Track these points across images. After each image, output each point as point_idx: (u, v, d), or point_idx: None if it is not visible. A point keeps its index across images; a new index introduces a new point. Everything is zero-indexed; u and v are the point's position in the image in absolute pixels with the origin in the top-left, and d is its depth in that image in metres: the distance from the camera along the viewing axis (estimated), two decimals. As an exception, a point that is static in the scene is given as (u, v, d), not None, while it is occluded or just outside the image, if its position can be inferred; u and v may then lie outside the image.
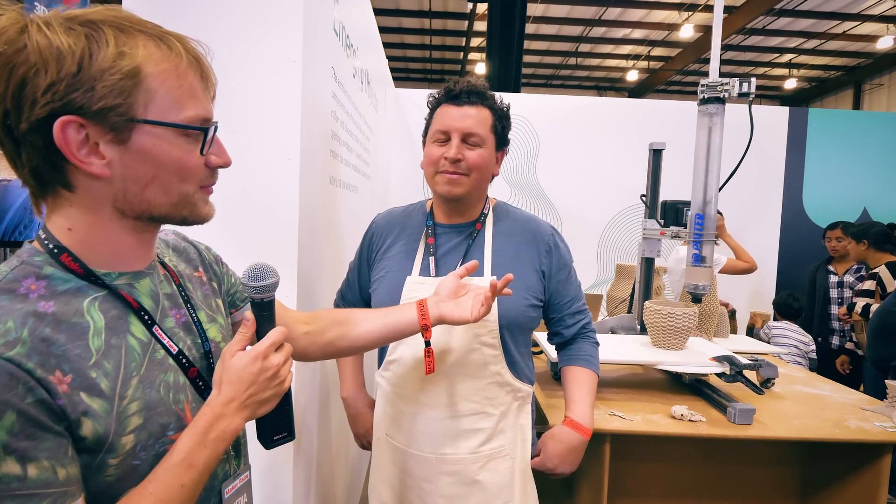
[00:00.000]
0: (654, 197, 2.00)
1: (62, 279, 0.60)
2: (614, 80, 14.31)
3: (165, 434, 0.64)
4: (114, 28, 0.58)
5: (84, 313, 0.60)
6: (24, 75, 0.54)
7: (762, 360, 1.63)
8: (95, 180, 0.60)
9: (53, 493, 0.54)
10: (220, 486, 0.73)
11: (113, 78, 0.56)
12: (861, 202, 4.16)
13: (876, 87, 12.54)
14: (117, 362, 0.61)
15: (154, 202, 0.63)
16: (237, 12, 1.21)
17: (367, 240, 1.36)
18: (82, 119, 0.56)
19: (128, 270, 0.66)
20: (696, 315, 1.70)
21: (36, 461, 0.53)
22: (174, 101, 0.61)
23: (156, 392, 0.64)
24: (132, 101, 0.58)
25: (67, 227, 0.61)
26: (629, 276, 2.48)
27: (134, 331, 0.64)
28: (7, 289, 0.56)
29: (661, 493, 1.64)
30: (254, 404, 0.68)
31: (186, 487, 0.61)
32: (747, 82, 1.60)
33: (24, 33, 0.55)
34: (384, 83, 3.12)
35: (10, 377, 0.52)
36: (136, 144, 0.60)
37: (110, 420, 0.58)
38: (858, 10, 9.21)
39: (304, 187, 1.30)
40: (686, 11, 9.40)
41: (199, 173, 0.65)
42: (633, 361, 1.71)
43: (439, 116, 1.23)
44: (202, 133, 0.64)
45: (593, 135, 4.01)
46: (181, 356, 0.69)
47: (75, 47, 0.55)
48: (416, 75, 14.80)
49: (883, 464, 1.41)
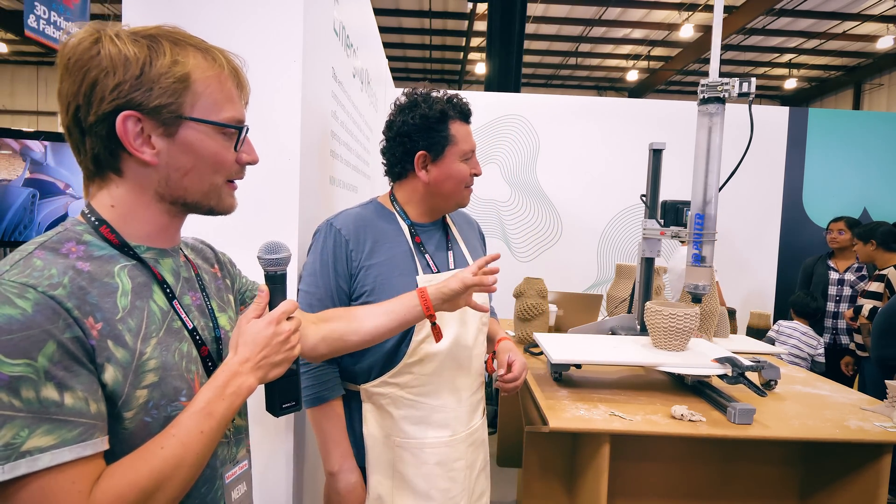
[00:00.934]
0: (654, 197, 2.00)
1: (98, 246, 0.70)
2: (614, 80, 14.31)
3: (178, 398, 0.71)
4: (169, 41, 0.70)
5: (115, 276, 0.69)
6: (95, 77, 0.66)
7: (764, 362, 1.63)
8: (144, 167, 0.71)
9: (85, 423, 0.60)
10: (221, 469, 0.79)
11: (167, 81, 0.68)
12: (861, 202, 4.16)
13: (876, 87, 12.54)
14: (140, 321, 0.69)
15: (189, 189, 0.74)
16: (237, 12, 1.21)
17: (342, 250, 1.25)
18: (140, 114, 0.68)
19: (155, 247, 0.75)
20: (697, 316, 1.69)
21: (72, 391, 0.60)
22: (215, 104, 0.72)
23: (171, 356, 0.71)
24: (182, 101, 0.70)
25: (111, 204, 0.72)
26: (629, 276, 2.48)
27: (156, 298, 0.73)
28: (51, 247, 0.66)
29: (661, 493, 1.64)
30: (267, 366, 0.76)
31: (205, 434, 0.68)
32: (747, 82, 1.60)
33: (97, 43, 0.66)
34: (384, 83, 3.12)
35: (52, 311, 0.60)
36: (181, 138, 0.71)
37: (129, 371, 0.66)
38: (858, 10, 9.21)
39: (304, 187, 1.30)
40: (686, 11, 9.40)
41: (231, 168, 0.77)
42: (634, 363, 1.70)
43: (461, 134, 1.30)
44: (237, 132, 0.75)
45: (593, 135, 4.01)
46: (195, 333, 0.77)
47: (139, 55, 0.67)
48: (416, 75, 14.80)
49: (883, 464, 1.40)
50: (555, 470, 1.61)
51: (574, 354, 1.68)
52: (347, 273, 1.26)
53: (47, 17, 3.15)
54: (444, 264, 1.34)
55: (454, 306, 1.13)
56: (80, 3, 3.40)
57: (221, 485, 0.78)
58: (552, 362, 1.65)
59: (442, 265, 1.33)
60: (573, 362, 1.68)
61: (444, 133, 1.27)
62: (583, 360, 1.66)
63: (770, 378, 1.71)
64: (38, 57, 13.79)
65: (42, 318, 0.59)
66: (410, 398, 1.26)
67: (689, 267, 1.70)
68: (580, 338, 1.91)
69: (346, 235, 1.26)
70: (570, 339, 1.89)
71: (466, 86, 14.61)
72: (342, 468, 1.23)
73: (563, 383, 1.71)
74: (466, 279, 1.09)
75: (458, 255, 1.39)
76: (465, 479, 1.32)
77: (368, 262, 1.26)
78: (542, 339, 1.83)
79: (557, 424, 1.39)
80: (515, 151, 4.03)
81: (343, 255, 1.25)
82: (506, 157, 4.04)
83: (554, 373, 1.72)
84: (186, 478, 0.67)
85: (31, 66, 14.40)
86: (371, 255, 1.26)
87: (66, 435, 0.59)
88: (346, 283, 1.26)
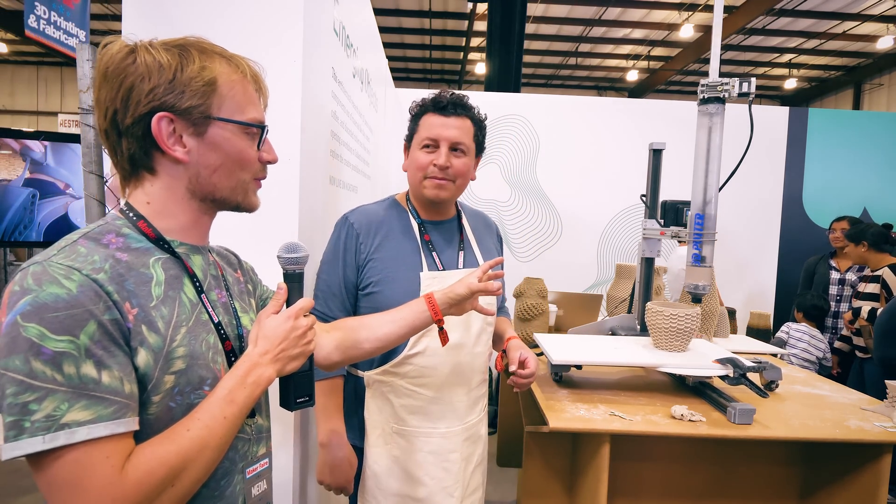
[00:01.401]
0: (654, 197, 2.00)
1: (136, 239, 0.75)
2: (614, 80, 14.31)
3: (202, 387, 0.75)
4: (197, 49, 0.76)
5: (150, 267, 0.74)
6: (132, 82, 0.72)
7: (766, 363, 1.62)
8: (176, 164, 0.76)
9: (119, 402, 0.64)
10: (241, 464, 0.82)
11: (197, 84, 0.74)
12: (861, 202, 4.16)
13: (876, 87, 12.54)
14: (171, 310, 0.74)
15: (218, 185, 0.79)
16: (237, 12, 1.21)
17: (352, 242, 1.32)
18: (173, 115, 0.74)
19: (188, 242, 0.81)
20: (698, 316, 1.68)
21: (109, 370, 0.64)
22: (238, 105, 0.79)
23: (199, 346, 0.75)
24: (209, 102, 0.76)
25: (146, 201, 0.77)
26: (629, 276, 2.48)
27: (186, 290, 0.78)
28: (93, 237, 0.72)
29: (661, 493, 1.64)
30: (285, 358, 0.80)
31: (227, 419, 0.72)
32: (747, 82, 1.60)
33: (133, 53, 0.73)
34: (384, 83, 3.12)
35: (95, 293, 0.65)
36: (210, 137, 0.77)
37: (160, 356, 0.70)
38: (858, 10, 9.21)
39: (304, 187, 1.30)
40: (686, 11, 9.40)
41: (255, 165, 0.82)
42: (635, 364, 1.70)
43: (426, 125, 1.32)
44: (259, 131, 0.82)
45: (593, 135, 4.01)
46: (220, 327, 0.81)
47: (172, 62, 0.73)
48: (416, 75, 14.80)
49: (883, 464, 1.40)
50: (555, 470, 1.61)
51: (575, 355, 1.68)
52: (355, 264, 1.32)
53: (47, 18, 3.15)
54: (452, 263, 1.37)
55: (461, 310, 1.14)
56: (80, 3, 3.40)
57: (241, 480, 0.81)
58: (552, 363, 1.64)
59: (451, 264, 1.36)
60: (574, 363, 1.67)
61: (415, 124, 1.36)
62: (583, 360, 1.66)
63: (771, 379, 1.71)
64: (38, 57, 13.79)
65: (85, 299, 0.64)
66: (409, 388, 1.30)
67: (689, 267, 1.70)
68: (580, 338, 1.91)
69: (357, 229, 1.33)
70: (570, 339, 1.89)
71: (466, 86, 14.61)
72: (331, 441, 1.28)
73: (563, 384, 1.71)
74: (472, 285, 1.11)
75: (469, 256, 1.40)
76: (460, 471, 1.34)
77: (376, 255, 1.31)
78: (543, 339, 1.83)
79: (557, 424, 1.39)
80: (515, 151, 4.03)
81: (353, 247, 1.32)
82: (506, 157, 4.04)
83: (554, 374, 1.72)
84: (210, 460, 0.71)
85: (31, 66, 14.40)
86: (379, 249, 1.32)
87: (102, 411, 0.62)
88: (353, 274, 1.32)
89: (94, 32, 10.85)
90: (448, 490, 1.32)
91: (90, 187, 1.58)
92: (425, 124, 1.33)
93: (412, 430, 1.31)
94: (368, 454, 1.33)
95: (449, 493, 1.32)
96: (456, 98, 1.33)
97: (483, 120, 1.40)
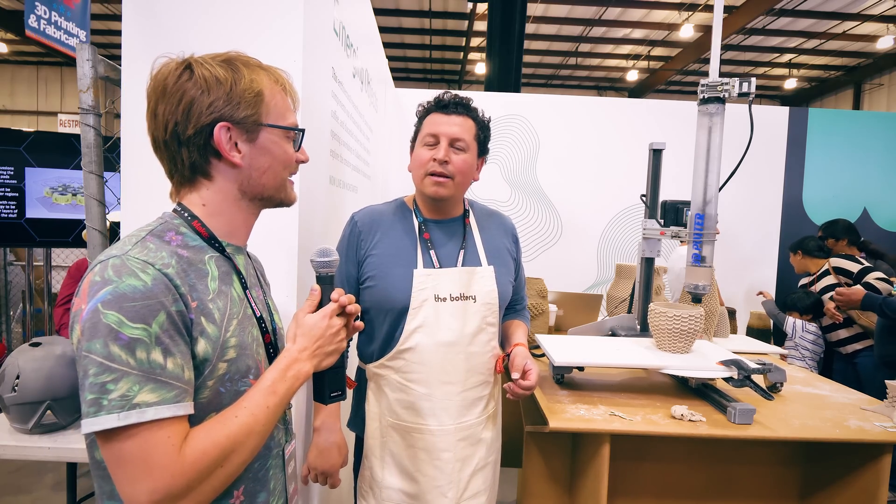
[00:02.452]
0: (654, 197, 2.00)
1: (192, 237, 0.83)
2: (614, 80, 14.31)
3: (248, 375, 0.83)
4: (243, 63, 0.84)
5: (206, 263, 0.82)
6: (193, 96, 0.79)
7: (770, 364, 1.59)
8: (232, 168, 0.84)
9: (180, 387, 0.71)
10: (276, 449, 0.91)
11: (249, 96, 0.82)
12: (861, 202, 4.16)
13: (876, 87, 12.54)
14: (225, 303, 0.81)
15: (267, 185, 0.87)
16: (237, 12, 1.21)
17: (354, 239, 1.38)
18: (230, 124, 0.81)
19: (234, 243, 0.89)
20: (702, 318, 1.67)
21: (173, 357, 0.71)
22: (280, 112, 0.87)
23: (246, 337, 0.83)
24: (259, 111, 0.84)
25: (202, 203, 0.85)
26: (629, 276, 2.48)
27: (235, 286, 0.86)
28: (157, 235, 0.79)
29: (661, 493, 1.64)
30: (321, 354, 0.89)
31: (270, 409, 0.80)
32: (747, 82, 1.60)
33: (188, 69, 0.80)
34: (384, 83, 3.12)
35: (165, 286, 0.72)
36: (260, 142, 0.85)
37: (217, 345, 0.78)
38: (858, 10, 9.21)
39: (304, 187, 1.30)
40: (686, 11, 9.40)
41: (294, 165, 0.92)
42: (638, 365, 1.70)
43: (429, 123, 1.37)
44: (296, 135, 0.90)
45: (593, 135, 4.01)
46: (262, 321, 0.89)
47: (227, 76, 0.81)
48: (416, 75, 14.79)
49: (883, 464, 1.40)
50: (555, 470, 1.60)
51: (577, 357, 1.67)
52: (356, 259, 1.38)
53: (48, 17, 3.15)
54: (451, 261, 1.38)
55: None
56: (80, 3, 3.40)
57: (273, 464, 0.90)
58: (555, 364, 1.63)
59: (448, 262, 1.38)
60: (576, 364, 1.67)
61: (419, 125, 1.41)
62: (586, 362, 1.65)
63: (776, 381, 1.70)
64: (39, 57, 13.78)
65: (158, 291, 0.71)
66: (402, 382, 1.33)
67: (689, 267, 1.69)
68: (583, 339, 1.90)
69: (360, 227, 1.39)
70: (572, 340, 1.88)
71: (466, 86, 14.61)
72: (324, 426, 1.30)
73: (563, 385, 1.71)
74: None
75: (471, 255, 1.41)
76: (454, 472, 1.34)
77: (374, 251, 1.36)
78: (545, 340, 1.82)
79: (557, 424, 1.39)
80: (515, 151, 4.03)
81: (355, 244, 1.38)
82: (506, 157, 4.04)
83: (556, 375, 1.71)
84: (254, 444, 0.78)
85: (31, 66, 14.40)
86: (378, 245, 1.36)
87: (166, 395, 0.69)
88: (355, 269, 1.38)
89: (94, 32, 10.85)
90: (441, 490, 1.33)
91: (90, 187, 1.58)
92: (428, 122, 1.37)
93: (405, 424, 1.34)
94: (366, 445, 1.37)
95: (442, 493, 1.33)
96: (459, 98, 1.38)
97: (486, 121, 1.43)
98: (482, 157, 1.44)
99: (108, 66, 1.58)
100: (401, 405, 1.34)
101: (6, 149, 3.40)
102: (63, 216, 3.57)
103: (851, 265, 3.18)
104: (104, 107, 1.64)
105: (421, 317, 1.31)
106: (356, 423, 1.46)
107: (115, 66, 1.57)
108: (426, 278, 1.32)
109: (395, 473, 1.34)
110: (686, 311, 1.66)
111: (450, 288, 1.34)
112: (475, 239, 1.43)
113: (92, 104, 1.55)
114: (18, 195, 3.44)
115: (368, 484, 1.37)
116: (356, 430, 1.46)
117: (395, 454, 1.35)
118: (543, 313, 2.23)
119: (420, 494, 1.33)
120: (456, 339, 1.34)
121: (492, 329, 1.40)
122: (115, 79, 1.58)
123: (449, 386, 1.34)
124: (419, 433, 1.33)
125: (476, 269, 1.38)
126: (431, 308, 1.32)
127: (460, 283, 1.35)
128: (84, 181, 1.57)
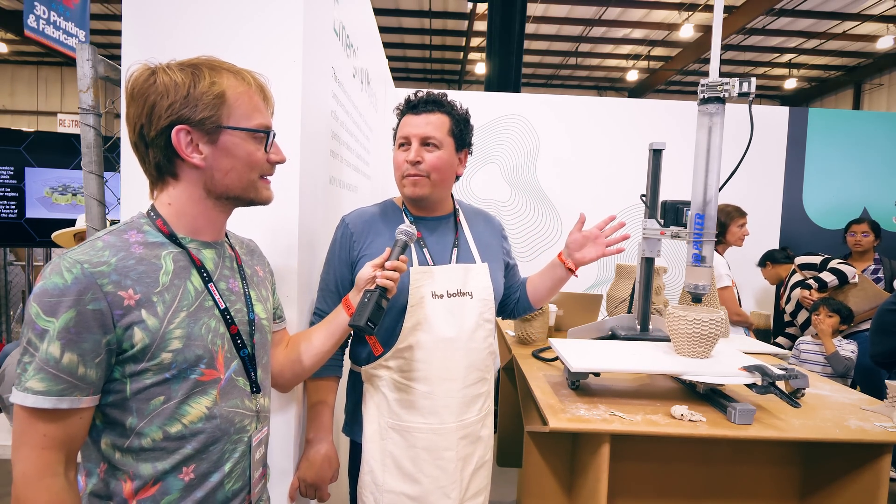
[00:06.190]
0: (654, 197, 2.00)
1: (153, 234, 0.88)
2: (614, 80, 14.31)
3: (198, 365, 0.87)
4: (207, 67, 0.87)
5: (161, 258, 0.87)
6: (154, 100, 0.84)
7: (793, 370, 1.53)
8: (195, 170, 0.88)
9: (69, 381, 0.76)
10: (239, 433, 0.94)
11: (208, 98, 0.85)
12: (861, 202, 4.16)
13: (876, 87, 12.54)
14: (174, 296, 0.86)
15: (231, 185, 0.91)
16: (237, 13, 1.21)
17: (346, 242, 1.38)
18: (189, 126, 0.85)
19: (199, 239, 0.93)
20: (723, 322, 1.58)
21: (70, 352, 0.76)
22: (245, 114, 0.89)
23: (198, 329, 0.87)
24: (220, 113, 0.87)
25: (168, 202, 0.90)
26: (629, 276, 2.48)
27: (193, 280, 0.89)
28: (118, 232, 0.86)
29: (661, 493, 1.64)
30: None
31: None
32: (747, 82, 1.60)
33: (153, 74, 0.84)
34: (384, 83, 3.12)
35: (85, 285, 0.77)
36: (222, 143, 0.88)
37: (156, 335, 0.82)
38: (858, 10, 9.21)
39: (304, 187, 1.30)
40: (686, 11, 9.40)
41: (263, 166, 0.94)
42: (658, 371, 1.63)
43: (401, 125, 1.38)
44: (265, 136, 0.93)
45: (593, 135, 4.01)
46: (226, 313, 0.93)
47: (185, 80, 0.84)
48: (416, 75, 14.79)
49: (883, 464, 1.40)
50: (555, 470, 1.60)
51: (594, 362, 1.58)
52: (349, 261, 1.37)
53: (47, 17, 3.15)
54: (444, 258, 1.39)
55: None
56: (80, 2, 3.40)
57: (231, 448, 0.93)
58: (571, 370, 1.55)
59: (442, 259, 1.38)
60: (594, 370, 1.58)
61: (396, 129, 1.41)
62: (605, 368, 1.57)
63: (798, 387, 1.59)
64: (38, 57, 13.78)
65: (74, 290, 0.76)
66: (402, 382, 1.32)
67: (689, 267, 1.69)
68: (597, 344, 1.82)
69: (351, 229, 1.38)
70: (588, 345, 1.79)
71: (466, 86, 14.62)
72: (316, 437, 1.32)
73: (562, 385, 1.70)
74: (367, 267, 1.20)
75: (464, 252, 1.42)
76: (457, 471, 1.34)
77: (367, 251, 1.35)
78: (560, 345, 1.72)
79: (557, 424, 1.39)
80: (515, 151, 4.03)
81: (347, 246, 1.38)
82: (506, 157, 4.04)
83: (572, 382, 1.63)
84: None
85: (31, 66, 14.40)
86: (370, 246, 1.36)
87: (52, 387, 0.76)
88: (347, 271, 1.37)
89: (93, 32, 10.84)
90: (444, 490, 1.32)
91: (90, 187, 1.58)
92: (401, 125, 1.38)
93: (405, 425, 1.33)
94: (365, 449, 1.35)
95: (445, 494, 1.32)
96: (428, 95, 1.37)
97: (463, 114, 1.40)
98: (462, 150, 1.41)
99: (108, 66, 1.58)
100: (400, 405, 1.33)
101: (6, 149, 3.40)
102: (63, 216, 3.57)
103: (814, 258, 3.45)
104: (104, 107, 1.64)
105: (419, 314, 1.31)
106: (353, 428, 1.44)
107: (115, 66, 1.57)
108: (422, 275, 1.32)
109: (397, 476, 1.32)
110: (707, 314, 1.58)
111: (446, 284, 1.34)
112: (467, 236, 1.44)
113: (92, 104, 1.55)
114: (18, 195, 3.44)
115: (369, 489, 1.34)
116: (353, 436, 1.44)
117: (396, 456, 1.33)
118: (543, 313, 2.23)
119: (423, 496, 1.32)
120: (456, 335, 1.33)
121: (489, 325, 1.40)
122: (115, 79, 1.58)
123: (450, 383, 1.34)
124: (420, 432, 1.32)
125: (471, 266, 1.39)
126: (429, 305, 1.32)
127: (456, 280, 1.35)
128: (84, 181, 1.57)
